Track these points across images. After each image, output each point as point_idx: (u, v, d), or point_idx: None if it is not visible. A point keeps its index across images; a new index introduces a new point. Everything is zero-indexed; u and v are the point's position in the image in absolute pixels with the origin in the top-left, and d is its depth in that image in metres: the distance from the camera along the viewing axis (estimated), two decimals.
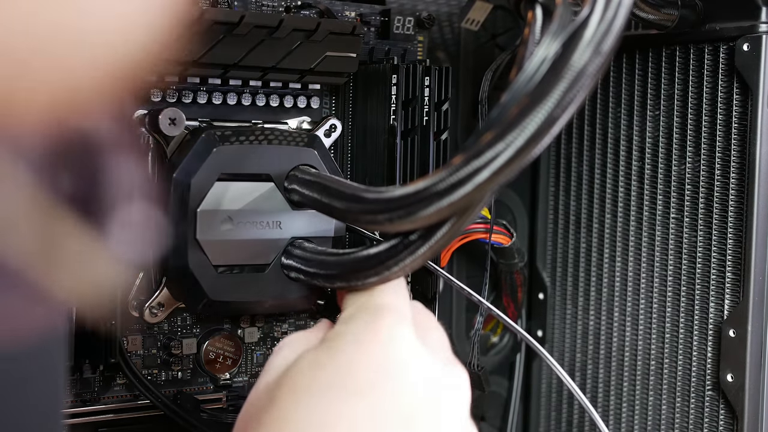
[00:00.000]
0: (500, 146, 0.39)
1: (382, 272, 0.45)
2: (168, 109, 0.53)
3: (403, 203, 0.42)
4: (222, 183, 0.53)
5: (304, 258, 0.53)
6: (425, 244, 0.43)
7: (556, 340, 0.76)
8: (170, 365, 0.59)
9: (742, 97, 0.60)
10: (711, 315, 0.63)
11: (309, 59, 0.57)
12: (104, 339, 0.53)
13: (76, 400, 0.56)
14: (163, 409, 0.57)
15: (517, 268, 0.72)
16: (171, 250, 0.53)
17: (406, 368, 0.41)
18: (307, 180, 0.53)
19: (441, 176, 0.40)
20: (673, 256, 0.65)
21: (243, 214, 0.54)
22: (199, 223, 0.52)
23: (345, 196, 0.47)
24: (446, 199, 0.40)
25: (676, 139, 0.65)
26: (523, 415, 0.79)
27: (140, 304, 0.56)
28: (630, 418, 0.70)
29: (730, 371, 0.61)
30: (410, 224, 0.43)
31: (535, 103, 0.38)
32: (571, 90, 0.38)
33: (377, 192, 0.44)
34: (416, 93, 0.60)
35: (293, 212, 0.55)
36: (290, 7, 0.60)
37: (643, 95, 0.67)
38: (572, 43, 0.38)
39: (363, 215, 0.46)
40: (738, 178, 0.61)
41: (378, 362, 0.41)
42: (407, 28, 0.64)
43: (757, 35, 0.59)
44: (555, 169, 0.75)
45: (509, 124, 0.39)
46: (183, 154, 0.54)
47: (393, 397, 0.40)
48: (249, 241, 0.54)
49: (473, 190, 0.40)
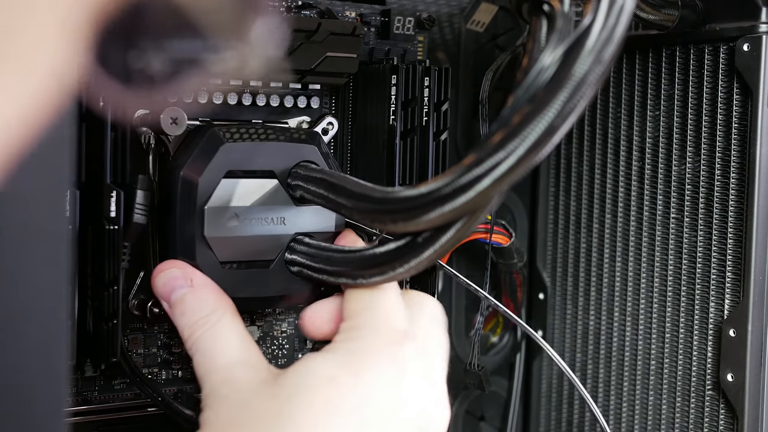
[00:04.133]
0: (501, 154, 0.40)
1: (387, 272, 0.46)
2: (169, 108, 0.53)
3: (408, 205, 0.43)
4: (228, 180, 0.53)
5: (309, 254, 0.53)
6: (431, 246, 0.44)
7: (556, 340, 0.76)
8: (171, 364, 0.59)
9: (742, 97, 0.60)
10: (711, 315, 0.63)
11: (309, 59, 0.57)
12: (106, 338, 0.53)
13: (77, 399, 0.56)
14: (164, 408, 0.57)
15: (516, 268, 0.72)
16: (178, 247, 0.53)
17: (412, 404, 0.45)
18: (313, 177, 0.53)
19: (447, 181, 0.41)
20: (673, 256, 0.66)
21: (249, 210, 0.54)
22: (207, 220, 0.53)
23: (352, 194, 0.48)
24: (450, 204, 0.41)
25: (676, 139, 0.65)
26: (522, 415, 0.79)
27: (141, 303, 0.56)
28: (630, 417, 0.70)
29: (730, 371, 0.61)
30: (414, 226, 0.44)
31: (536, 112, 0.39)
32: (572, 99, 0.39)
33: (384, 192, 0.45)
34: (416, 93, 0.60)
35: (296, 208, 0.55)
36: (291, 8, 0.60)
37: (643, 95, 0.67)
38: (574, 51, 0.39)
39: (369, 214, 0.47)
40: (738, 178, 0.61)
41: (391, 395, 0.45)
42: (407, 29, 0.64)
43: (757, 35, 0.59)
44: (555, 169, 0.75)
45: (511, 132, 0.40)
46: (188, 151, 0.54)
47: (395, 427, 0.44)
48: (254, 237, 0.54)
49: (476, 196, 0.41)
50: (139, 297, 0.56)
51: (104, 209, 0.51)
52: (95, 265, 0.52)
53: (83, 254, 0.52)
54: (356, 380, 0.44)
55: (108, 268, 0.52)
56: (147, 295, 0.55)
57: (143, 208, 0.52)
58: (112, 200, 0.51)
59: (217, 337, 0.48)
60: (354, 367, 0.45)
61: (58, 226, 0.31)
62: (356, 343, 0.46)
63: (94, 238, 0.52)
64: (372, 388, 0.44)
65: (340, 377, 0.44)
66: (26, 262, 0.30)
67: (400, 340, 0.46)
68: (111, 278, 0.52)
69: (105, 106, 0.51)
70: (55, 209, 0.31)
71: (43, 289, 0.31)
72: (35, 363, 0.31)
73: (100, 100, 0.50)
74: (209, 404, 0.46)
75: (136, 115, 0.55)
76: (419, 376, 0.46)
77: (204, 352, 0.48)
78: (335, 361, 0.45)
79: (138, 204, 0.52)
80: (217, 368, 0.47)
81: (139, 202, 0.52)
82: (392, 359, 0.45)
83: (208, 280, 0.51)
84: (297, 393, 0.44)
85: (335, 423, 0.43)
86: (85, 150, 0.52)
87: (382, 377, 0.45)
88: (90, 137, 0.52)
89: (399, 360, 0.45)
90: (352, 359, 0.45)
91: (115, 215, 0.51)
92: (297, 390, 0.44)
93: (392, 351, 0.45)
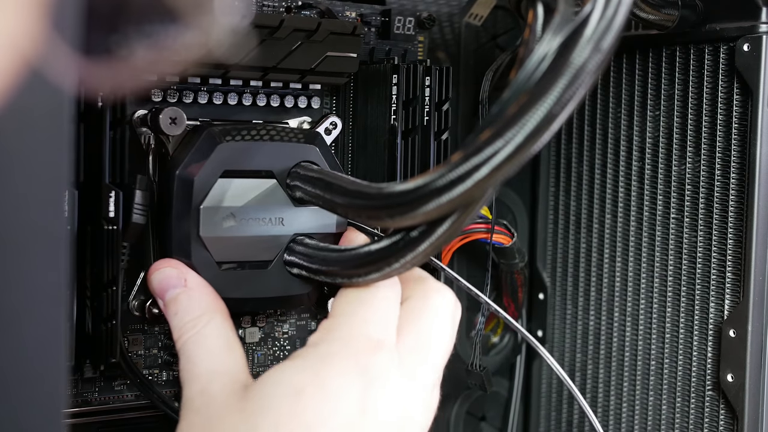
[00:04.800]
0: (499, 143, 0.39)
1: (383, 269, 0.46)
2: (169, 109, 0.53)
3: (403, 199, 0.42)
4: (225, 180, 0.53)
5: (306, 254, 0.53)
6: (426, 240, 0.44)
7: (556, 340, 0.76)
8: (171, 365, 0.59)
9: (742, 97, 0.60)
10: (711, 315, 0.63)
11: (309, 59, 0.57)
12: (105, 339, 0.53)
13: (77, 400, 0.56)
14: (164, 408, 0.57)
15: (517, 268, 0.72)
16: (174, 247, 0.53)
17: (383, 412, 0.45)
18: (310, 177, 0.53)
19: (441, 172, 0.41)
20: (673, 256, 0.65)
21: (246, 210, 0.54)
22: (203, 220, 0.53)
23: (347, 192, 0.48)
24: (446, 195, 0.40)
25: (676, 139, 0.65)
26: (523, 416, 0.79)
27: (141, 303, 0.56)
28: (630, 418, 0.70)
29: (730, 371, 0.61)
30: (411, 220, 0.43)
31: (535, 100, 0.39)
32: (570, 87, 0.38)
33: (378, 188, 0.45)
34: (417, 93, 0.60)
35: (295, 209, 0.55)
36: (291, 8, 0.60)
37: (643, 95, 0.67)
38: (572, 40, 0.39)
39: (364, 210, 0.46)
40: (738, 178, 0.61)
41: (357, 405, 0.44)
42: (408, 29, 0.64)
43: (757, 35, 0.59)
44: (555, 169, 0.75)
45: (508, 121, 0.39)
46: (185, 151, 0.54)
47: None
48: (252, 237, 0.54)
49: (473, 186, 0.40)
50: (139, 297, 0.56)
51: (103, 209, 0.51)
52: (94, 265, 0.52)
53: (82, 254, 0.52)
54: (322, 392, 0.44)
55: (107, 268, 0.52)
56: (147, 295, 0.55)
57: (142, 208, 0.52)
58: (111, 200, 0.51)
59: (201, 342, 0.48)
60: (321, 375, 0.44)
61: (56, 226, 0.31)
62: (326, 348, 0.46)
63: (92, 238, 0.52)
64: (338, 399, 0.44)
65: (306, 388, 0.44)
66: (25, 262, 0.30)
67: (372, 350, 0.46)
68: (110, 278, 0.52)
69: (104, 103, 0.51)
70: (54, 209, 0.31)
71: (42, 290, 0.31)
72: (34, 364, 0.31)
73: (98, 100, 0.50)
74: (184, 415, 0.46)
75: (135, 115, 0.55)
76: (394, 384, 0.45)
77: (188, 357, 0.48)
78: (303, 371, 0.45)
79: (137, 204, 0.52)
80: (196, 376, 0.47)
81: (138, 202, 0.52)
82: (361, 369, 0.45)
83: (201, 280, 0.51)
84: (262, 407, 0.44)
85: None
86: (84, 150, 0.52)
87: (349, 387, 0.44)
88: (89, 137, 0.52)
89: (368, 369, 0.45)
90: (320, 367, 0.45)
91: (114, 215, 0.51)
92: (263, 404, 0.44)
93: (361, 360, 0.45)
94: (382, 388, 0.45)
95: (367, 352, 0.45)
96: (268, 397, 0.44)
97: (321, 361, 0.45)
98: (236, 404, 0.45)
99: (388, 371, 0.45)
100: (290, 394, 0.44)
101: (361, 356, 0.45)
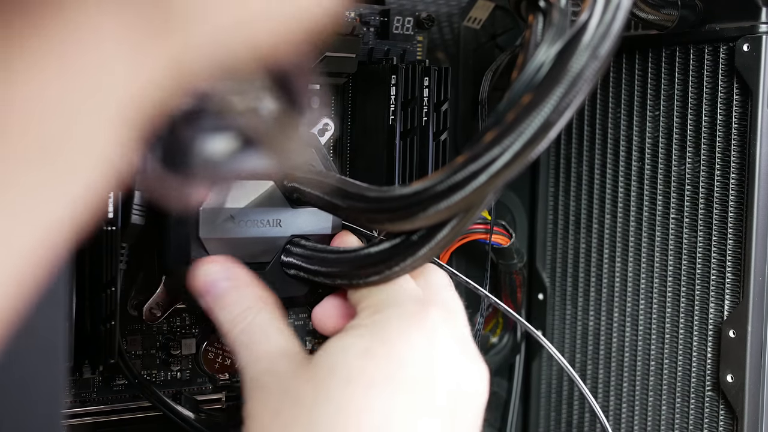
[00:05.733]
0: (497, 150, 0.40)
1: (384, 271, 0.46)
2: None
3: (403, 204, 0.43)
4: None
5: (304, 256, 0.53)
6: (426, 244, 0.44)
7: (556, 341, 0.75)
8: (169, 365, 0.59)
9: (742, 97, 0.60)
10: (711, 315, 0.63)
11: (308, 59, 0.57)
12: (104, 339, 0.53)
13: (75, 401, 0.56)
14: (163, 409, 0.57)
15: (516, 269, 0.72)
16: (173, 248, 0.53)
17: (447, 369, 0.45)
18: (308, 178, 0.53)
19: (440, 178, 0.41)
20: (673, 256, 0.65)
21: (244, 212, 0.54)
22: (202, 221, 0.53)
23: (348, 195, 0.48)
24: (444, 201, 0.41)
25: (676, 139, 0.65)
26: (522, 416, 0.79)
27: (139, 304, 0.56)
28: (630, 418, 0.70)
29: (730, 371, 0.61)
30: (410, 224, 0.43)
31: (532, 107, 0.39)
32: (568, 94, 0.39)
33: (379, 191, 0.45)
34: (415, 93, 0.60)
35: (292, 210, 0.55)
36: None
37: (643, 95, 0.67)
38: (570, 47, 0.39)
39: (364, 214, 0.46)
40: (738, 178, 0.61)
41: (424, 360, 0.44)
42: (407, 29, 0.64)
43: (757, 35, 0.59)
44: (555, 169, 0.75)
45: (506, 128, 0.39)
46: None
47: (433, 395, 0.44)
48: (250, 239, 0.54)
49: (471, 192, 0.40)
50: (138, 298, 0.56)
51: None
52: (93, 266, 0.52)
53: (81, 255, 0.52)
54: (389, 349, 0.44)
55: (106, 269, 0.52)
56: (146, 296, 0.55)
57: (141, 209, 0.52)
58: (110, 201, 0.51)
59: (257, 328, 0.48)
60: (384, 337, 0.44)
61: None
62: (381, 316, 0.46)
63: (91, 238, 0.52)
64: (405, 354, 0.44)
65: (373, 348, 0.44)
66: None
67: (424, 307, 0.46)
68: (109, 279, 0.52)
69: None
70: None
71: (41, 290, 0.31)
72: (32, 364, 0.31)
73: None
74: (252, 395, 0.46)
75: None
76: (450, 339, 0.46)
77: (245, 345, 0.48)
78: (365, 336, 0.45)
79: (136, 205, 0.52)
80: (259, 358, 0.47)
81: (137, 203, 0.52)
82: (421, 326, 0.45)
83: (248, 275, 0.51)
84: (332, 371, 0.44)
85: (370, 395, 0.43)
86: None
87: (415, 344, 0.44)
88: None
89: (428, 326, 0.45)
90: (381, 332, 0.45)
91: (113, 216, 0.51)
92: (332, 368, 0.44)
93: (419, 318, 0.45)
94: (443, 339, 0.45)
95: (420, 310, 0.46)
96: (336, 362, 0.44)
97: (381, 327, 0.45)
98: (305, 374, 0.45)
99: (443, 326, 0.46)
100: (358, 354, 0.44)
101: (417, 314, 0.45)
